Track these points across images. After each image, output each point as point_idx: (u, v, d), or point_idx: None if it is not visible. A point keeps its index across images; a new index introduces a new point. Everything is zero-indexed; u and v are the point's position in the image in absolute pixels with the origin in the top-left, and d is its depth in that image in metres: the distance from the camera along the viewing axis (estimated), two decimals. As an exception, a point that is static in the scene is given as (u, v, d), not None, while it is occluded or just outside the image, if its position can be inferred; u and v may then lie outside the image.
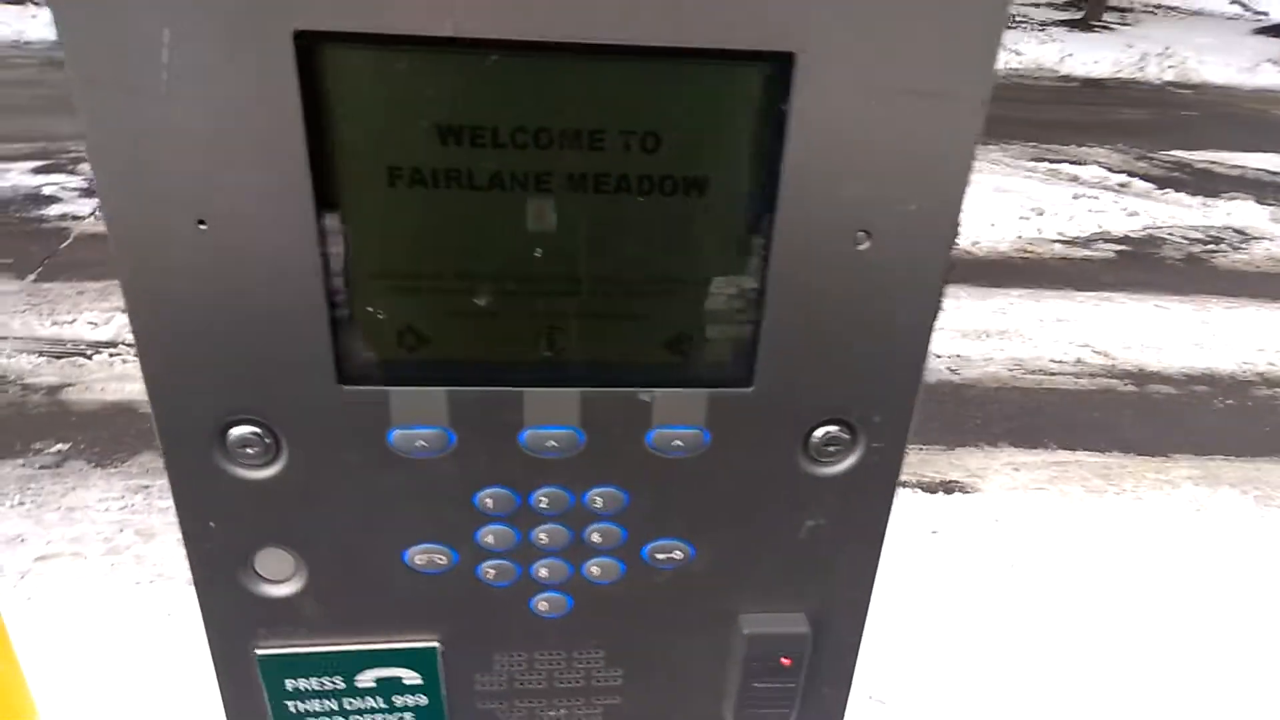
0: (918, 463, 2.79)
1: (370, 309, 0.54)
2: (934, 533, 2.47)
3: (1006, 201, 5.00)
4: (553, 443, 0.58)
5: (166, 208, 0.49)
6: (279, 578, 0.62)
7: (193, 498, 0.58)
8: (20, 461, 2.50)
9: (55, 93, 6.72)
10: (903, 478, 0.63)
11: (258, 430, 0.56)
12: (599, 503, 0.60)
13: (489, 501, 0.59)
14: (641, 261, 0.55)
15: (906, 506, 2.55)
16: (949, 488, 2.69)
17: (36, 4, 9.49)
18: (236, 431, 0.56)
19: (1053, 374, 3.42)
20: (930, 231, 0.54)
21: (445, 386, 0.56)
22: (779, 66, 0.49)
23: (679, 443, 0.59)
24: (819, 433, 0.59)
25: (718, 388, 0.57)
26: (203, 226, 0.49)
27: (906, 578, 2.22)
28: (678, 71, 0.50)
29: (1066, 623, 2.17)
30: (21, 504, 2.33)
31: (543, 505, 0.60)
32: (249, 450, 0.56)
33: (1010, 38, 10.69)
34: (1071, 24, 11.77)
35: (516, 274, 0.54)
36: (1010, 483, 2.74)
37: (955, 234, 0.55)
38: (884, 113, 0.50)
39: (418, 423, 0.56)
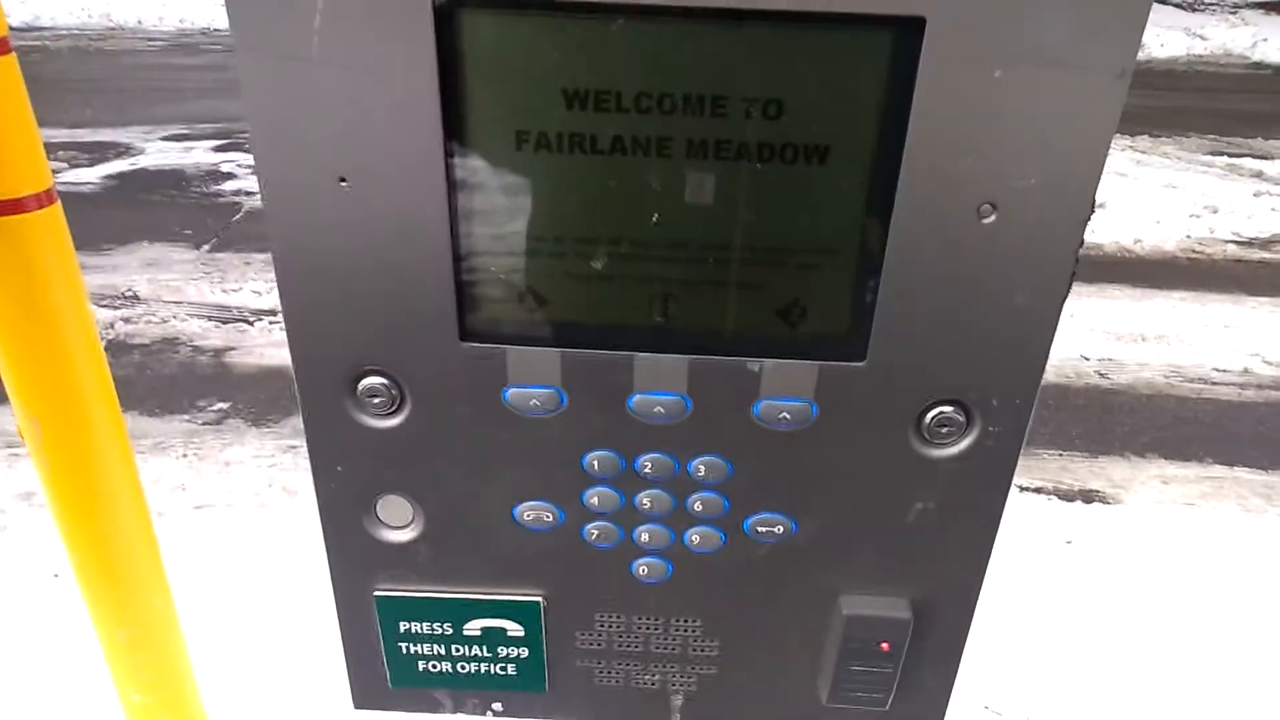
0: (1056, 469, 2.64)
1: (492, 269, 0.56)
2: (1068, 543, 2.34)
3: (1176, 198, 4.63)
4: (660, 409, 0.58)
5: (312, 165, 0.52)
6: (398, 524, 0.65)
7: (323, 443, 0.62)
8: (186, 417, 2.73)
9: (236, 76, 7.30)
10: (1039, 483, 0.60)
11: (384, 381, 0.59)
12: (702, 471, 0.61)
13: (595, 464, 0.61)
14: (758, 230, 0.55)
15: (1041, 513, 2.42)
16: (1089, 497, 2.53)
17: (222, -3, 10.27)
18: (365, 382, 0.59)
19: (1214, 383, 3.16)
20: (1060, 208, 0.51)
21: (559, 348, 0.57)
22: (907, 32, 0.48)
23: (786, 415, 0.58)
24: (932, 413, 0.58)
25: (828, 361, 0.56)
26: (344, 184, 0.52)
27: (1034, 587, 2.11)
28: (802, 37, 0.49)
29: (1204, 648, 2.01)
30: (185, 456, 2.55)
31: (647, 470, 0.61)
32: (375, 400, 0.59)
33: (1196, 20, 9.86)
34: (1268, 6, 10.72)
35: (633, 239, 0.55)
36: (1157, 496, 2.56)
37: (1088, 213, 0.52)
38: (1015, 83, 0.48)
39: (532, 382, 0.58)
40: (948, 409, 0.58)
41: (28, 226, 1.08)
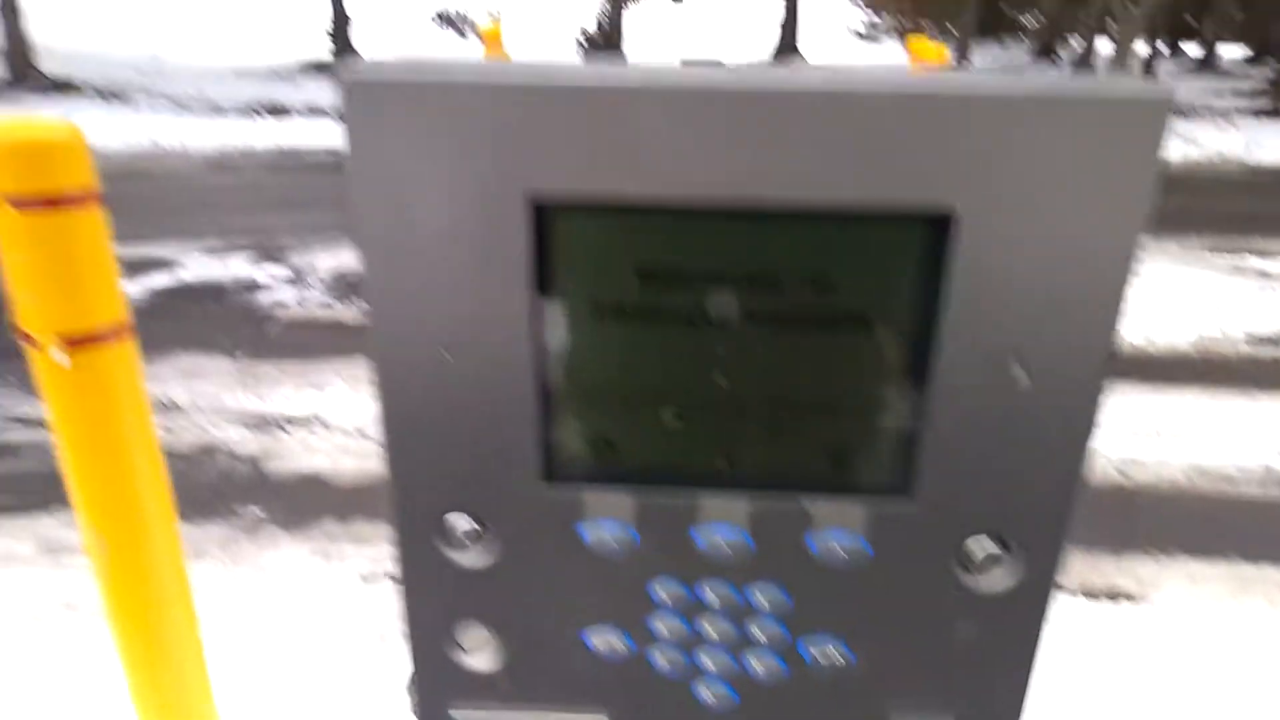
0: (1083, 568, 2.64)
1: (573, 420, 0.63)
2: (1097, 641, 2.33)
3: (1185, 297, 4.73)
4: (723, 543, 0.64)
5: (419, 337, 0.60)
6: (476, 649, 0.70)
7: (412, 573, 0.68)
8: (223, 522, 2.80)
9: (273, 194, 7.64)
10: (1065, 582, 0.65)
11: (471, 519, 0.65)
12: (763, 602, 0.66)
13: (662, 592, 0.66)
14: (810, 387, 0.61)
15: (1068, 612, 2.42)
16: (1115, 595, 2.53)
17: (262, 116, 10.85)
18: (453, 519, 0.65)
19: (1236, 481, 3.17)
20: (1084, 365, 0.58)
21: (632, 488, 0.64)
22: (939, 223, 0.55)
23: (839, 549, 0.63)
24: (974, 546, 0.63)
25: (877, 499, 0.62)
26: (445, 353, 0.60)
27: (1064, 688, 2.10)
28: (847, 228, 0.57)
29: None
30: (221, 562, 2.60)
31: (711, 600, 0.66)
32: (462, 536, 0.66)
33: (1189, 127, 10.19)
34: (1260, 113, 11.10)
35: (699, 395, 0.62)
36: (1186, 594, 2.55)
37: (1109, 367, 0.58)
38: (1037, 261, 0.55)
39: (606, 518, 0.64)
40: (988, 542, 0.63)
41: (104, 358, 1.18)
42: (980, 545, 0.63)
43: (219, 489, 2.97)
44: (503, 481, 0.64)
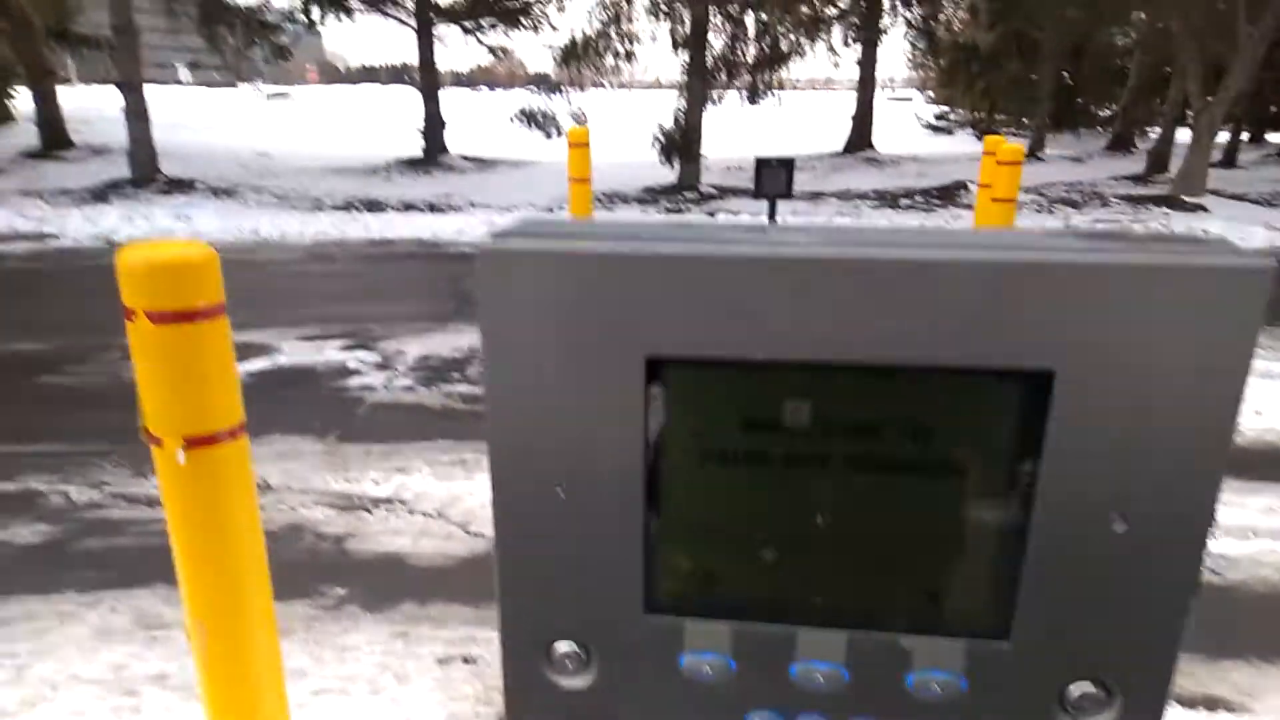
0: (1177, 675, 2.51)
1: (676, 555, 0.66)
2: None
3: (1274, 387, 4.53)
4: (820, 677, 0.64)
5: (537, 475, 0.64)
6: None
7: (519, 697, 0.71)
8: (308, 601, 2.91)
9: (365, 283, 8.06)
10: None
11: (577, 647, 0.68)
12: None
13: None
14: (909, 530, 0.63)
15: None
16: (1212, 705, 2.40)
17: (358, 210, 11.51)
18: (560, 646, 0.68)
19: (1346, 585, 2.99)
20: (1187, 516, 0.58)
21: (731, 621, 0.65)
22: (1038, 379, 0.57)
23: (937, 687, 0.63)
24: (1074, 690, 0.62)
25: (975, 640, 0.62)
26: (560, 492, 0.64)
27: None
28: (949, 380, 0.58)
29: None
30: (305, 641, 2.70)
31: None
32: (568, 663, 0.68)
33: (1276, 215, 9.86)
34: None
35: (799, 536, 0.64)
36: (1293, 709, 2.40)
37: (1213, 519, 0.58)
38: (1136, 418, 0.56)
39: (706, 650, 0.66)
40: (1089, 686, 0.61)
41: (220, 456, 1.30)
42: (1080, 689, 0.62)
43: (305, 567, 3.10)
44: (608, 612, 0.66)
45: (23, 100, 16.87)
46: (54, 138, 15.20)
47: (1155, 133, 16.65)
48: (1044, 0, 14.99)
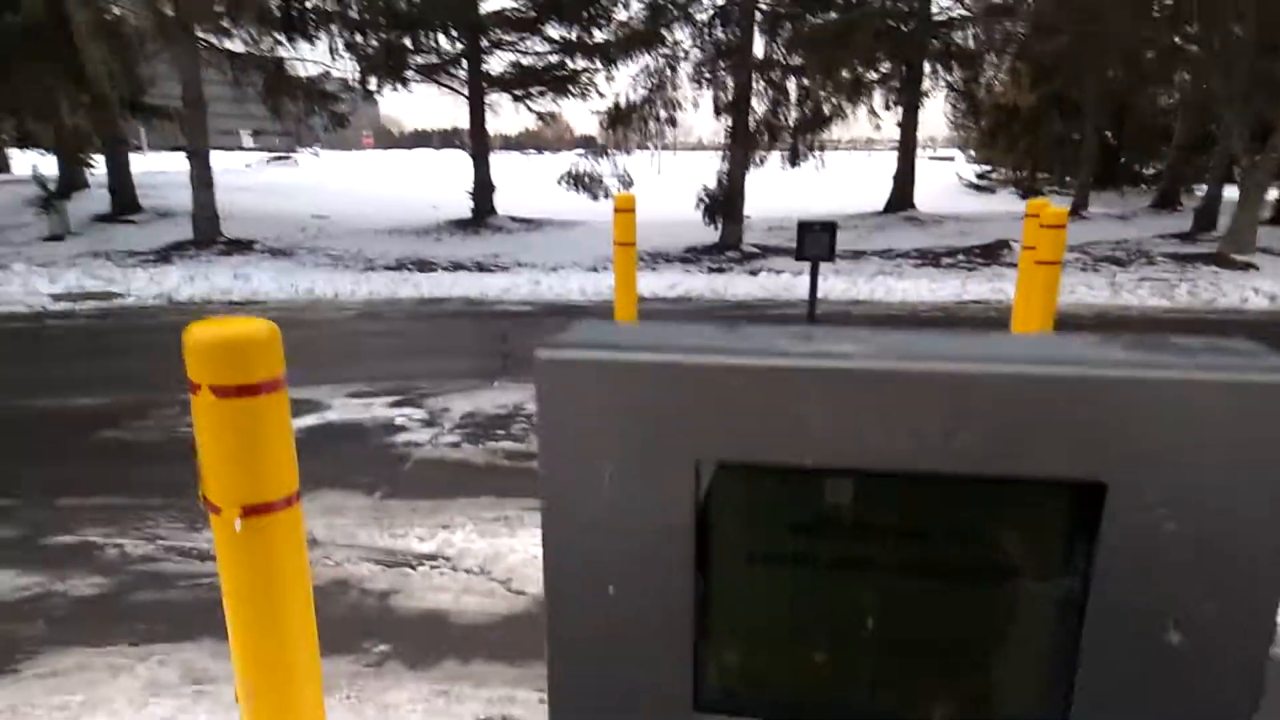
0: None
1: (725, 654, 0.67)
2: None
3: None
4: None
5: (588, 576, 0.66)
6: None
7: None
8: (351, 658, 2.94)
9: (414, 341, 8.25)
10: None
11: None
12: None
13: None
14: (957, 635, 0.63)
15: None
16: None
17: (409, 270, 11.82)
18: None
19: None
20: (1245, 629, 0.57)
21: (777, 719, 0.66)
22: (1090, 489, 0.57)
23: None
24: None
25: None
26: (611, 590, 0.66)
27: None
28: (1001, 492, 0.58)
29: None
30: (348, 698, 2.73)
31: None
32: None
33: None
34: None
35: (845, 635, 0.65)
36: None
37: (1273, 631, 0.57)
38: (1190, 529, 0.56)
39: None
40: None
41: (274, 523, 1.35)
42: None
43: (349, 623, 3.14)
44: (658, 708, 0.68)
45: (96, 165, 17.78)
46: (124, 202, 15.97)
47: (1202, 190, 16.43)
48: (1085, 63, 15.04)
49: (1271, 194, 13.70)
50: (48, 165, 17.72)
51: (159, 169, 26.49)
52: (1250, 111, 11.80)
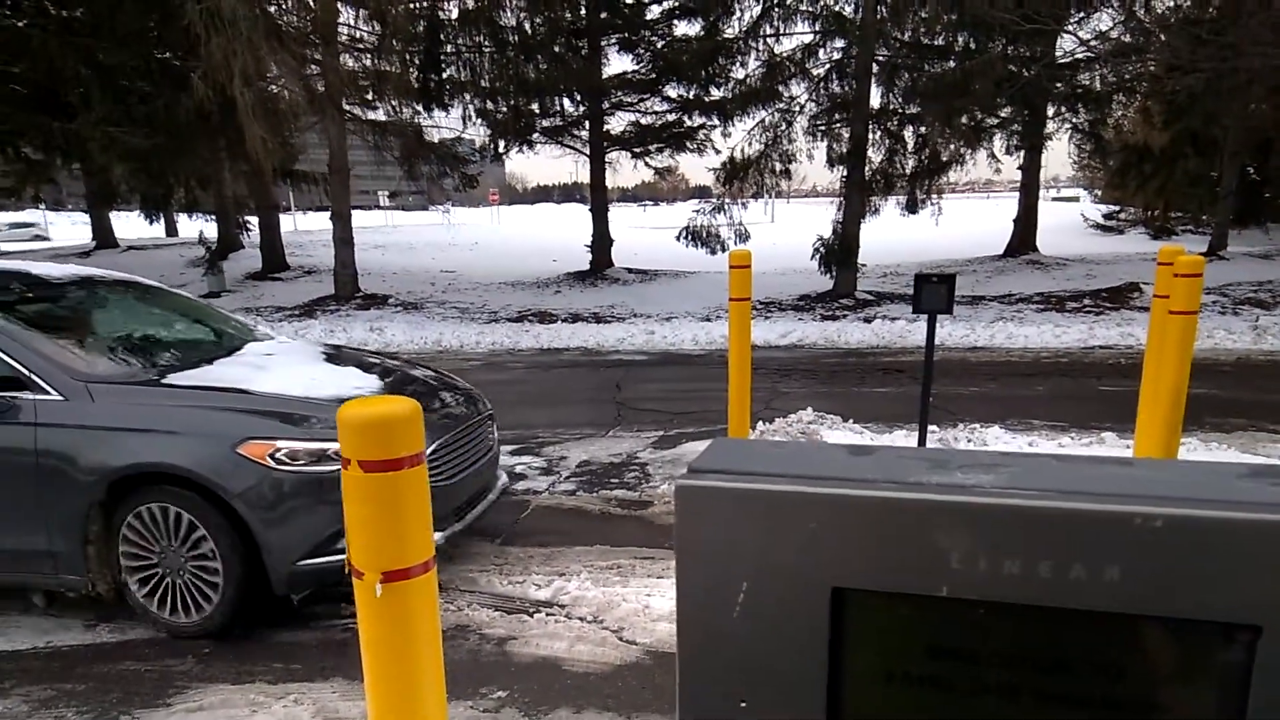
0: None
1: None
2: None
3: None
4: None
5: (722, 691, 0.68)
6: None
7: None
8: (469, 703, 3.07)
9: (533, 389, 8.56)
10: None
11: None
12: None
13: None
14: None
15: None
16: None
17: (530, 321, 12.28)
18: None
19: None
20: None
21: None
22: (1244, 634, 0.55)
23: None
24: None
25: None
26: (743, 705, 0.69)
27: None
28: (1149, 626, 0.56)
29: None
30: (467, 742, 2.86)
31: None
32: None
33: None
34: None
35: None
36: None
37: None
38: None
39: None
40: None
41: (411, 588, 1.47)
42: None
43: (469, 667, 3.30)
44: None
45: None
46: (274, 261, 17.37)
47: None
48: (1224, 99, 14.23)
49: None
50: (209, 229, 19.49)
51: (305, 229, 28.40)
52: None
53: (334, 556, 3.47)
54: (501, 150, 17.27)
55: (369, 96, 14.80)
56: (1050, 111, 16.25)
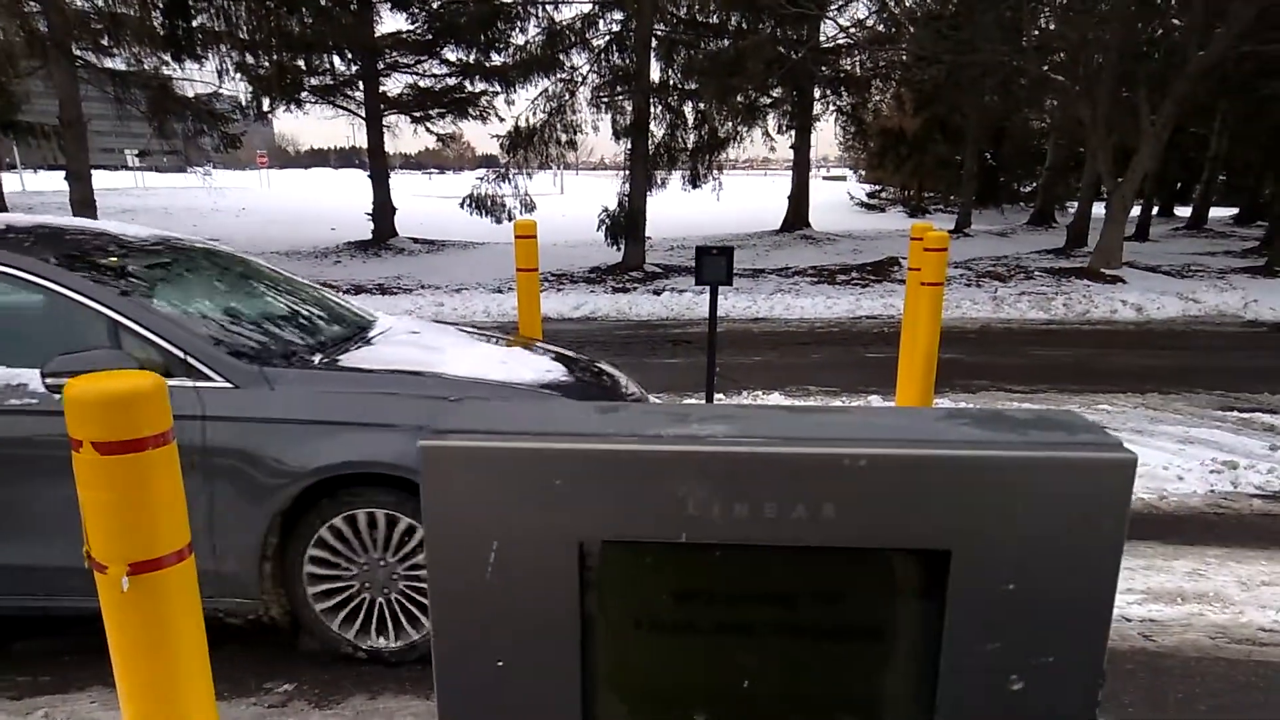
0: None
1: (613, 716, 0.72)
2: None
3: (1194, 453, 4.77)
4: None
5: (478, 650, 0.70)
6: None
7: None
8: (252, 700, 2.85)
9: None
10: None
11: None
12: None
13: None
14: (825, 690, 0.70)
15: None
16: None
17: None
18: None
19: (1263, 644, 3.13)
20: (1076, 673, 0.65)
21: None
22: (937, 556, 0.65)
23: None
24: None
25: None
26: (500, 663, 0.71)
27: None
28: (862, 557, 0.66)
29: None
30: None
31: None
32: None
33: (1186, 286, 10.48)
34: (1254, 271, 11.45)
35: (725, 695, 0.71)
36: (1212, 771, 2.49)
37: (1101, 680, 0.66)
38: (1024, 589, 0.65)
39: None
40: None
41: (166, 579, 1.30)
42: None
43: (244, 664, 3.04)
44: None
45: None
46: (-8, 226, 15.00)
47: (1074, 207, 17.56)
48: (963, 90, 15.92)
49: (1134, 211, 14.75)
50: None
51: (35, 189, 24.93)
52: (1113, 137, 12.70)
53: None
54: (267, 109, 15.92)
55: (104, 41, 13.09)
56: (817, 94, 17.41)
